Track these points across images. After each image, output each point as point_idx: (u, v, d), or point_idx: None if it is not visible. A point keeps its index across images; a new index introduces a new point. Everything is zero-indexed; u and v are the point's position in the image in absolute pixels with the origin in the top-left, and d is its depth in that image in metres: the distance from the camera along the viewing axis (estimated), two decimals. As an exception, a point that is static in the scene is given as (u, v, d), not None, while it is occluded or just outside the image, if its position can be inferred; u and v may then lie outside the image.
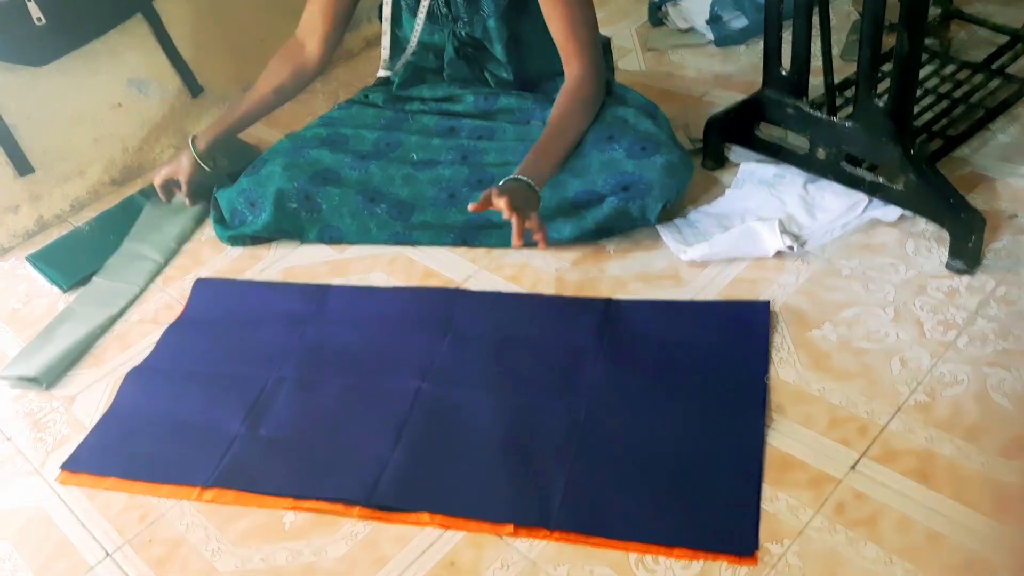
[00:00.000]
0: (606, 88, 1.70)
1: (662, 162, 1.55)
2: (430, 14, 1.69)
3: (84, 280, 1.77)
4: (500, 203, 1.40)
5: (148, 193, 1.95)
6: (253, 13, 2.16)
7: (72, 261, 1.81)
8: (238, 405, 1.40)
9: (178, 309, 1.66)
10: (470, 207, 1.43)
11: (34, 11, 1.69)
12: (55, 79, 1.87)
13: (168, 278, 1.75)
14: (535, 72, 1.76)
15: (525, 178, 1.48)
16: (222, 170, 1.83)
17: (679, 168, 1.57)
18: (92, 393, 1.51)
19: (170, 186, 1.83)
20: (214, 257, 1.78)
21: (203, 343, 1.56)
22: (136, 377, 1.51)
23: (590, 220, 1.57)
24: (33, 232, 1.94)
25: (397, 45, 1.80)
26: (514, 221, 1.42)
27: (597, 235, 1.62)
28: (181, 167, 1.80)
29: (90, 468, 1.36)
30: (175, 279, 1.74)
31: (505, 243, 1.63)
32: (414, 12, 1.71)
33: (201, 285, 1.70)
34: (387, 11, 1.74)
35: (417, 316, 1.54)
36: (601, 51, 1.68)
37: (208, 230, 1.85)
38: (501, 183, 1.46)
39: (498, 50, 1.70)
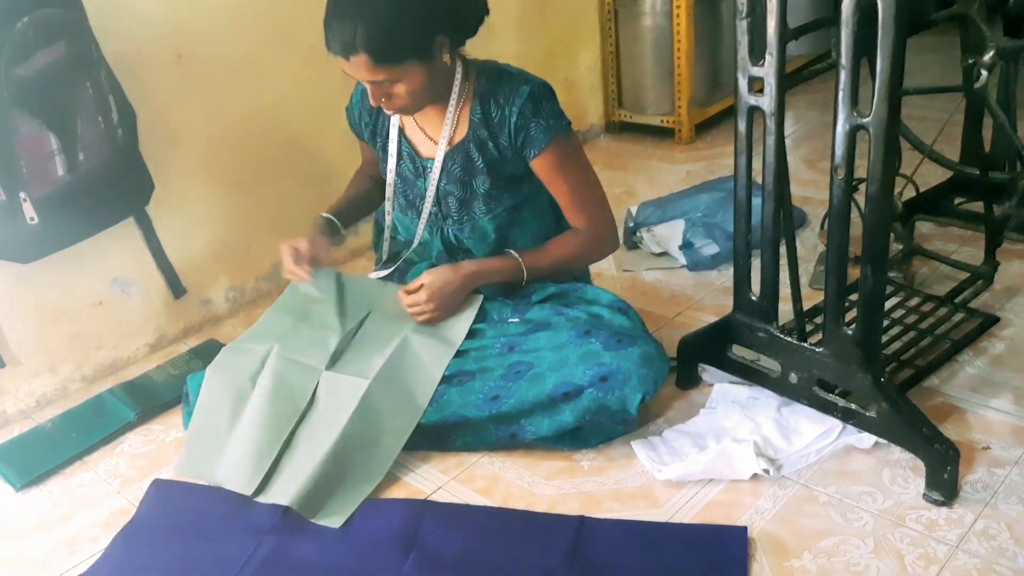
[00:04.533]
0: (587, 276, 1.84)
1: (639, 353, 1.57)
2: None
3: (38, 480, 1.71)
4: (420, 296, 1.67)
5: (117, 392, 1.92)
6: (243, 223, 2.23)
7: (29, 459, 1.76)
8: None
9: (131, 514, 1.59)
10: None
11: (28, 211, 1.74)
12: (40, 276, 1.89)
13: (127, 480, 1.69)
14: None
15: (516, 254, 1.71)
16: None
17: (655, 359, 1.59)
18: (28, 604, 1.42)
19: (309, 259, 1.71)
20: (177, 458, 1.73)
21: (151, 554, 1.48)
22: (77, 589, 1.42)
23: (568, 413, 1.56)
24: (-7, 427, 1.89)
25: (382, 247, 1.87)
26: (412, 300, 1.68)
27: (575, 437, 1.61)
28: (317, 240, 1.74)
29: None
30: (134, 481, 1.68)
31: (479, 445, 1.62)
32: (405, 212, 1.79)
33: (157, 487, 1.64)
34: (388, 219, 1.81)
35: (382, 530, 1.48)
36: (607, 205, 1.76)
37: (174, 431, 1.81)
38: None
39: (482, 251, 1.75)
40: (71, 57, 1.71)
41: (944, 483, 1.42)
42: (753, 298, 1.61)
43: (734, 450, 1.52)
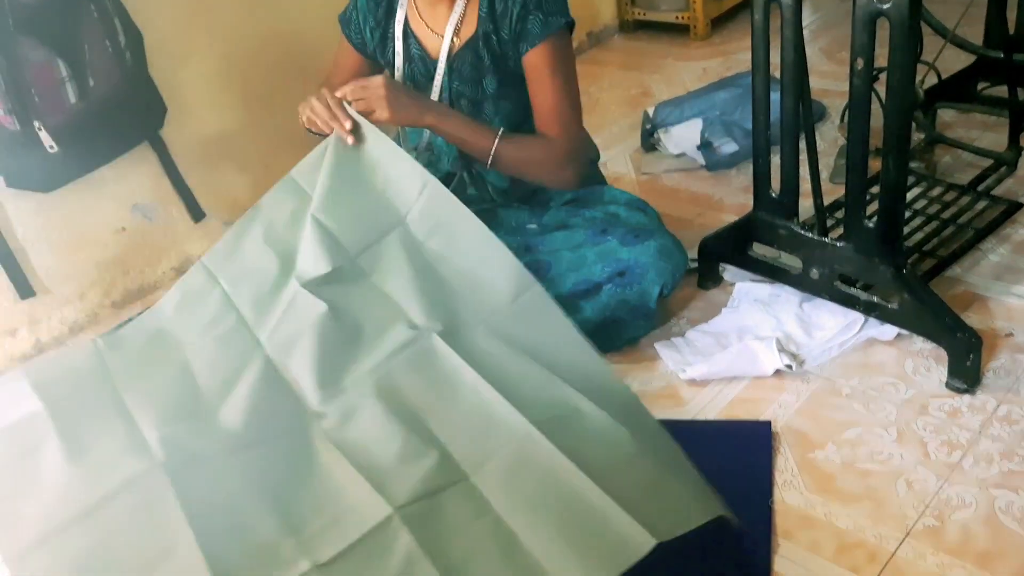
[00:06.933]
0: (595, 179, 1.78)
1: (656, 246, 1.57)
2: None
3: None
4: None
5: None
6: (258, 141, 2.22)
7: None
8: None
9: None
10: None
11: (46, 140, 1.74)
12: (62, 204, 1.90)
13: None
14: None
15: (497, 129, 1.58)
16: None
17: (673, 252, 1.60)
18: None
19: None
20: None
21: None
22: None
23: (589, 311, 1.57)
24: (30, 355, 1.94)
25: None
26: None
27: (600, 340, 1.61)
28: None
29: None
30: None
31: None
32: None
33: None
34: (393, 133, 1.79)
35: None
36: (583, 127, 1.67)
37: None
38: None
39: (496, 122, 1.69)
40: (73, -20, 1.69)
41: (967, 371, 1.43)
42: (773, 195, 1.59)
43: (757, 347, 1.53)
